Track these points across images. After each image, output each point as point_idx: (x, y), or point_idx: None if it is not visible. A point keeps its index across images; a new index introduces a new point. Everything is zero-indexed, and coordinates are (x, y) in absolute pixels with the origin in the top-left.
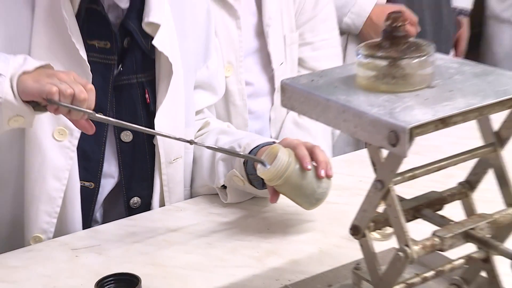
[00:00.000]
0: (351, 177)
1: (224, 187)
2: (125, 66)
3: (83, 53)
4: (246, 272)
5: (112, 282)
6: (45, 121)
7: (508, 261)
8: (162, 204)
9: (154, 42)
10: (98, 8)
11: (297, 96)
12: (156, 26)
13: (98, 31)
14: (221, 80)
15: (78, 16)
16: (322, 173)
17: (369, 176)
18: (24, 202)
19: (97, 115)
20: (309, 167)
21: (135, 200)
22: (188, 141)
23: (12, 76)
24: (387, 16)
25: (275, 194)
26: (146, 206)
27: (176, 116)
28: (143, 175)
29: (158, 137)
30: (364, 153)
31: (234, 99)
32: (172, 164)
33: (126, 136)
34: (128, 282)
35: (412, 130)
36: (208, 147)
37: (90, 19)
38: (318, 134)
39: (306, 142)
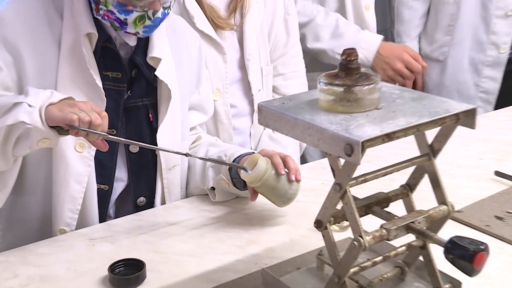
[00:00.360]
0: (315, 181)
1: (212, 188)
2: (133, 92)
3: (99, 82)
4: (230, 258)
5: (122, 265)
6: (68, 136)
7: (441, 248)
8: (163, 202)
9: (156, 73)
10: (111, 46)
11: (271, 115)
12: (158, 60)
13: (112, 64)
14: (210, 103)
15: (95, 53)
16: (293, 177)
17: (330, 180)
18: (52, 202)
19: (110, 136)
20: (283, 172)
21: (141, 199)
22: (184, 154)
23: (41, 107)
24: (343, 52)
25: (255, 193)
26: (150, 204)
27: (174, 132)
28: (147, 179)
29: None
30: (325, 161)
31: (221, 118)
32: (171, 170)
33: (134, 148)
34: (135, 266)
35: (363, 143)
36: (200, 158)
37: (105, 55)
38: (289, 146)
39: (280, 153)
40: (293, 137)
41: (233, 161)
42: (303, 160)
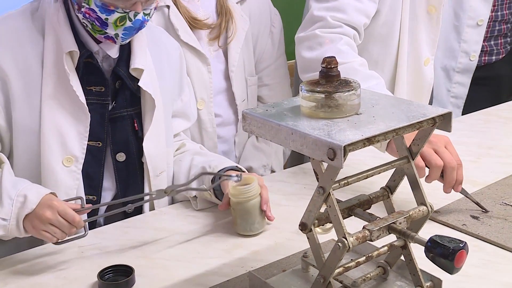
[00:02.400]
0: (297, 185)
1: (195, 197)
2: (117, 102)
3: (83, 99)
4: (217, 262)
5: (111, 272)
6: (55, 151)
7: (421, 247)
8: (152, 208)
9: (140, 84)
10: (93, 61)
11: (255, 122)
12: (141, 71)
13: (94, 79)
14: (193, 110)
15: (77, 69)
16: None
17: (311, 184)
18: None
19: (87, 233)
20: (265, 208)
21: (129, 206)
22: (204, 190)
23: (17, 220)
24: (323, 60)
25: (227, 205)
26: (138, 211)
27: (159, 140)
28: (135, 186)
29: (145, 155)
30: (307, 165)
31: (206, 127)
32: (158, 176)
33: (121, 157)
34: (124, 272)
35: (345, 147)
36: (204, 189)
37: (88, 70)
38: (272, 155)
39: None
40: (277, 142)
41: (213, 179)
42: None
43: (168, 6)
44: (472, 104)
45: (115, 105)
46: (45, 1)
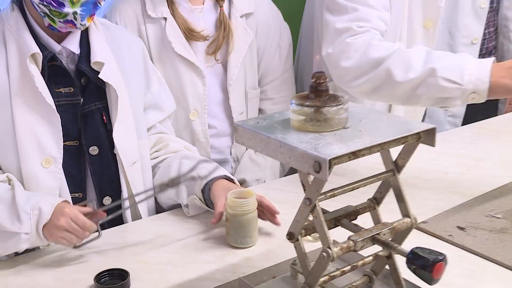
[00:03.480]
0: (292, 193)
1: (186, 204)
2: (86, 98)
3: (50, 101)
4: (210, 267)
5: (107, 275)
6: (33, 154)
7: (404, 258)
8: (132, 201)
9: (100, 76)
10: (58, 63)
11: (246, 134)
12: (101, 64)
13: (62, 80)
14: (166, 100)
15: (43, 72)
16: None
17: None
18: None
19: (100, 234)
20: (278, 221)
21: (107, 198)
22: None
23: (38, 231)
24: (312, 75)
25: (219, 218)
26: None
27: (128, 131)
28: (110, 178)
29: (116, 147)
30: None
31: (198, 137)
32: (132, 166)
33: (94, 151)
34: (120, 275)
35: (331, 160)
36: (190, 178)
37: (54, 73)
38: (267, 169)
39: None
40: (267, 154)
41: (205, 184)
42: None
43: (165, 18)
44: (469, 120)
45: (83, 101)
46: (2, 13)
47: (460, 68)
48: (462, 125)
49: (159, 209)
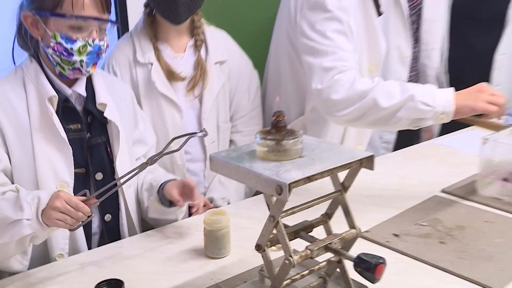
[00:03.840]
0: (258, 211)
1: (147, 207)
2: (92, 133)
3: (64, 135)
4: (192, 275)
5: (105, 285)
6: (50, 179)
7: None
8: (128, 217)
9: (105, 115)
10: (69, 104)
11: (219, 164)
12: (104, 105)
13: (72, 118)
14: (148, 135)
15: (57, 112)
16: None
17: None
18: None
19: (93, 214)
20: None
21: (108, 216)
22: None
23: (37, 216)
24: (273, 114)
25: (180, 200)
26: (115, 220)
27: (126, 160)
28: (111, 199)
29: (117, 173)
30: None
31: (176, 160)
32: (129, 189)
33: (99, 176)
34: (116, 284)
35: (290, 184)
36: (168, 153)
37: (66, 112)
38: (232, 190)
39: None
40: (237, 180)
41: (160, 187)
42: None
43: (151, 63)
44: (398, 146)
45: (90, 135)
46: (22, 64)
47: (432, 94)
48: (393, 150)
49: (147, 226)
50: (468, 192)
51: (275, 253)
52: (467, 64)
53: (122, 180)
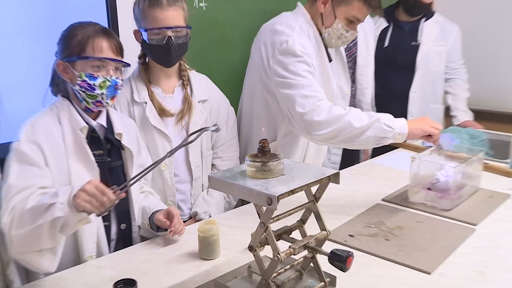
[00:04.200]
0: (238, 221)
1: (139, 227)
2: (111, 157)
3: (93, 159)
4: (191, 274)
5: (122, 283)
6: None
7: (324, 256)
8: (138, 227)
9: (123, 142)
10: (95, 134)
11: (217, 182)
12: (121, 135)
13: (96, 146)
14: (147, 161)
15: (86, 139)
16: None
17: (247, 220)
18: (78, 238)
19: (117, 198)
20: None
21: (123, 225)
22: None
23: (69, 202)
24: (260, 141)
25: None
26: (128, 228)
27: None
28: (124, 211)
29: (131, 190)
30: (244, 208)
31: (167, 182)
32: (136, 203)
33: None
34: (130, 283)
35: (278, 196)
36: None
37: (92, 140)
38: (212, 205)
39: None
40: (233, 194)
41: (151, 216)
42: None
43: (145, 102)
44: (343, 165)
45: (110, 159)
46: (57, 102)
47: (392, 120)
48: (339, 169)
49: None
50: (402, 199)
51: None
52: (389, 100)
53: (141, 174)
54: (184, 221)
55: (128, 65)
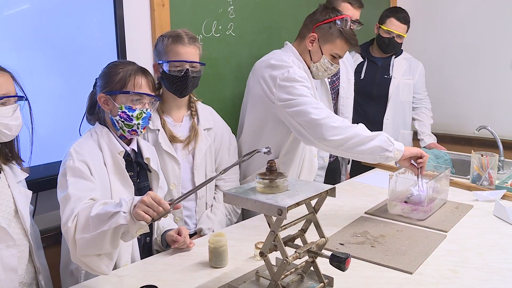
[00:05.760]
0: (240, 234)
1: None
2: (140, 179)
3: (129, 179)
4: (204, 280)
5: None
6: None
7: (323, 260)
8: (154, 239)
9: (151, 165)
10: (129, 158)
11: (232, 197)
12: (149, 159)
13: (129, 168)
14: (165, 184)
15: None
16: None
17: (249, 234)
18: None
19: (171, 209)
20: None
21: (147, 239)
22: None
23: (130, 211)
24: (268, 161)
25: (184, 242)
26: (150, 241)
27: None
28: (150, 226)
29: None
30: (246, 222)
31: (174, 199)
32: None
33: None
34: None
35: (287, 208)
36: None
37: (126, 163)
38: (215, 222)
39: None
40: (246, 207)
41: (163, 234)
42: None
43: (158, 130)
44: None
45: (139, 180)
46: (96, 129)
47: (392, 138)
48: None
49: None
50: (382, 212)
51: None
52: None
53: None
54: (190, 235)
55: (159, 99)
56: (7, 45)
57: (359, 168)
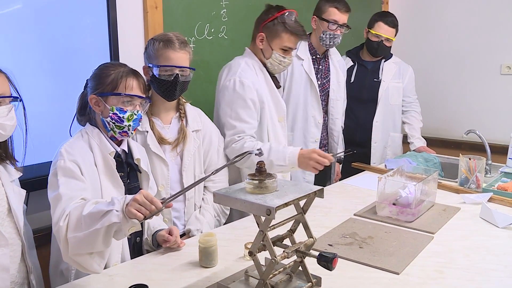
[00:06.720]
0: (230, 234)
1: (146, 238)
2: (130, 179)
3: (119, 179)
4: (194, 279)
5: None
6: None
7: (311, 260)
8: (144, 239)
9: (141, 166)
10: (119, 159)
11: (222, 197)
12: (139, 160)
13: (119, 168)
14: (154, 185)
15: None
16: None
17: (239, 234)
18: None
19: (163, 207)
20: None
21: (138, 239)
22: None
23: (123, 210)
24: (257, 162)
25: (175, 241)
26: (140, 241)
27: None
28: (142, 225)
29: None
30: (237, 223)
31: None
32: (151, 218)
33: None
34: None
35: (276, 208)
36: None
37: (118, 164)
38: (204, 223)
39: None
40: (235, 207)
41: (153, 234)
42: None
43: (147, 131)
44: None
45: (129, 181)
46: (87, 129)
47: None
48: None
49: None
50: (371, 214)
51: (250, 261)
52: (355, 129)
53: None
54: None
55: (150, 101)
56: None
57: (350, 170)
